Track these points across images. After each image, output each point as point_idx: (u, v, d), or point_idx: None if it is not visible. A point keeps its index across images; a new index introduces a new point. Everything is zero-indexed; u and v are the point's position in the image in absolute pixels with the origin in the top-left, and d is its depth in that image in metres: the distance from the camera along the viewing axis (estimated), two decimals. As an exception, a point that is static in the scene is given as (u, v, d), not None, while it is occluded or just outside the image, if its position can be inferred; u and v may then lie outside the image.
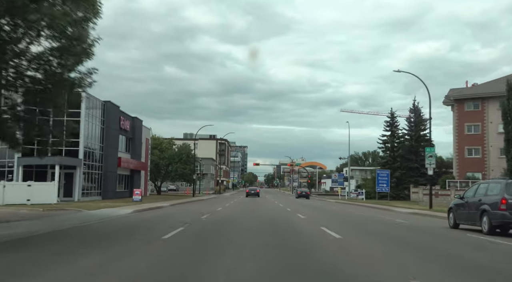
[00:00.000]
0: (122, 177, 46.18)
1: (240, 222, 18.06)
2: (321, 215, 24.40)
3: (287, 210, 28.33)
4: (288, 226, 16.72)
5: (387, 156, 63.41)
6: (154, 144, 62.83)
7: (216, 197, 63.04)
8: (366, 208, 37.51)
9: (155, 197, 48.74)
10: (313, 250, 10.29)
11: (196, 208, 30.38)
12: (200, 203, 41.01)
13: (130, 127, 46.60)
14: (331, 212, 27.21)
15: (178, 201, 40.15)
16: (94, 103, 37.48)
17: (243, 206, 34.02)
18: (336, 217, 22.95)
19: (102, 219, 18.47)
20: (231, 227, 15.59)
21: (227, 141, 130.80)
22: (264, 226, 16.45)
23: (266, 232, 14.12)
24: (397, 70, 32.94)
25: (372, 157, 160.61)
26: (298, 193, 68.53)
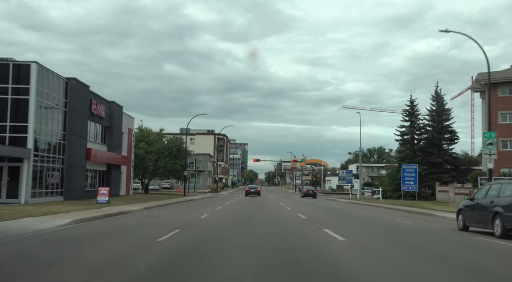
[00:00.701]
0: (95, 173, 38.13)
1: (225, 247, 9.95)
2: (358, 228, 16.31)
3: (300, 217, 20.12)
4: (319, 260, 8.54)
5: (405, 150, 55.22)
6: (141, 136, 54.79)
7: (211, 196, 55.06)
8: (397, 211, 29.49)
9: (137, 197, 40.69)
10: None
11: (176, 212, 22.47)
12: (188, 204, 32.94)
13: (106, 113, 38.53)
14: (372, 223, 18.94)
15: (160, 203, 32.10)
16: (53, 80, 29.42)
17: (239, 210, 25.98)
18: (392, 234, 14.76)
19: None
20: (199, 267, 7.47)
21: (226, 136, 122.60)
22: (271, 258, 8.36)
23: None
24: (444, 30, 25.11)
25: (377, 154, 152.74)
26: (304, 191, 60.52)
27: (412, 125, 55.56)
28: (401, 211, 29.81)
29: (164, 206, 29.75)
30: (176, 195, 52.03)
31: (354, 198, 57.60)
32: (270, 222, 16.15)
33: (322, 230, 13.38)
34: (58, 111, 30.35)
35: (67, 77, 31.42)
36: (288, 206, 32.38)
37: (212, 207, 28.35)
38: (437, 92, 55.68)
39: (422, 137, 55.48)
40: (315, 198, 58.73)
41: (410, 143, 55.29)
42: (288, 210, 27.03)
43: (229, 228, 13.62)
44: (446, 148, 55.74)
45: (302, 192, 61.05)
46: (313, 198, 58.83)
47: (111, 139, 40.23)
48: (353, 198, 57.70)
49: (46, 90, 28.27)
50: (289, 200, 48.38)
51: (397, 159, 57.39)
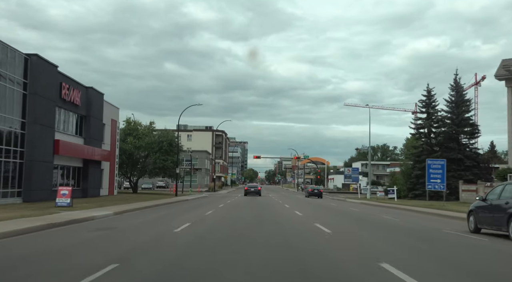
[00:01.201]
0: (67, 170, 32.49)
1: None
2: (424, 255, 10.62)
3: (323, 231, 14.35)
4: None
5: (422, 144, 49.54)
6: (129, 129, 49.14)
7: (206, 196, 49.48)
8: (429, 216, 23.82)
9: (118, 198, 35.05)
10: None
11: (147, 221, 16.86)
12: (173, 207, 27.24)
13: (82, 101, 32.89)
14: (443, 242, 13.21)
15: (141, 205, 26.43)
16: (6, 54, 23.75)
17: (234, 217, 20.26)
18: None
19: None
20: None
21: (224, 133, 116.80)
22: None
23: None
24: None
25: (382, 151, 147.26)
26: (309, 190, 54.87)
27: (429, 117, 49.90)
28: (434, 215, 24.18)
29: (142, 209, 24.08)
30: (167, 195, 46.43)
31: (363, 198, 52.00)
32: (281, 243, 10.48)
33: (385, 270, 7.47)
34: (14, 93, 24.67)
35: (27, 53, 25.76)
36: (297, 209, 26.78)
37: (201, 211, 22.74)
38: (456, 81, 50.07)
39: (440, 130, 49.81)
40: (321, 198, 53.16)
41: (427, 136, 49.63)
42: (300, 215, 21.41)
43: (212, 259, 7.94)
44: (466, 142, 50.11)
45: (307, 191, 55.45)
46: (318, 197, 53.25)
47: (89, 131, 34.56)
48: (362, 198, 52.10)
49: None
50: (294, 200, 42.77)
51: (413, 155, 51.69)
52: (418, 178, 48.43)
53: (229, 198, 43.92)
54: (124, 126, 49.60)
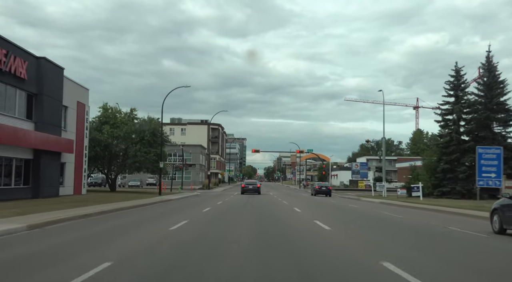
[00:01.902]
0: (9, 163, 24.77)
1: None
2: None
3: (391, 270, 6.69)
4: None
5: (450, 133, 41.89)
6: (105, 117, 41.42)
7: (198, 195, 41.94)
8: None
9: (83, 199, 27.35)
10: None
11: (70, 242, 9.22)
12: (138, 214, 19.38)
13: (30, 74, 25.16)
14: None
15: (95, 210, 18.70)
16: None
17: (221, 230, 12.67)
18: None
19: None
20: None
21: (221, 126, 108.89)
22: None
23: None
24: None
25: (386, 146, 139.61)
26: (316, 188, 47.17)
27: (457, 101, 42.21)
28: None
29: (89, 217, 16.33)
30: (151, 194, 38.84)
31: (378, 196, 44.42)
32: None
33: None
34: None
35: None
36: (316, 217, 19.12)
37: (171, 221, 15.09)
38: (489, 60, 42.40)
39: (472, 117, 42.13)
40: (330, 196, 45.59)
41: (455, 123, 41.92)
42: (330, 232, 13.68)
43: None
44: (500, 130, 42.50)
45: (314, 188, 47.73)
46: (327, 196, 45.70)
47: (42, 114, 26.77)
48: (377, 196, 44.53)
49: None
50: (302, 201, 35.15)
51: (438, 146, 43.90)
52: (445, 172, 40.85)
53: (222, 198, 36.31)
54: (100, 113, 41.91)
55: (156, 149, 40.00)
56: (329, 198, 42.45)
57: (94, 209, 19.05)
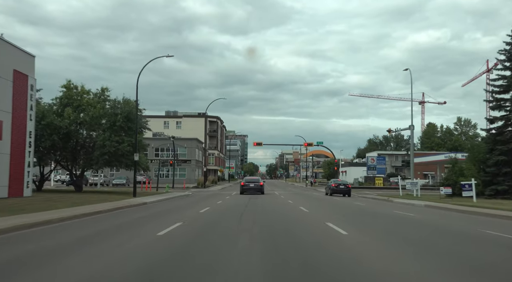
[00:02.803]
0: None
1: None
2: None
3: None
4: None
5: (506, 115, 32.78)
6: (68, 98, 32.48)
7: (186, 196, 33.20)
8: None
9: (19, 203, 18.52)
10: None
11: None
12: (71, 233, 10.44)
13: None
14: None
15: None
16: None
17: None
18: None
19: None
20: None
21: (220, 119, 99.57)
22: None
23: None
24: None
25: (395, 141, 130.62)
26: (333, 186, 38.06)
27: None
28: None
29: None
30: (124, 194, 30.00)
31: (410, 196, 35.51)
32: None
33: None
34: None
35: None
36: (370, 240, 9.99)
37: (83, 257, 6.02)
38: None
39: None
40: (350, 196, 36.72)
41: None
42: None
43: None
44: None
45: (329, 187, 38.59)
46: (345, 196, 36.84)
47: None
48: (409, 196, 35.61)
49: None
50: (321, 203, 26.20)
51: (490, 133, 34.77)
52: (499, 166, 31.85)
53: (214, 200, 27.38)
54: (62, 93, 32.97)
55: (132, 138, 31.02)
56: (349, 198, 33.51)
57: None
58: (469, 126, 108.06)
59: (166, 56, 30.83)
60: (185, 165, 73.30)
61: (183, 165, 73.17)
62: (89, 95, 33.39)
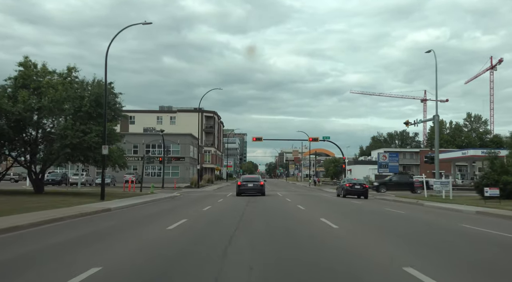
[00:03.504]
0: None
1: None
2: None
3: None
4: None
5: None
6: (25, 78, 26.17)
7: (171, 199, 27.07)
8: None
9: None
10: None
11: None
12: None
13: None
14: None
15: None
16: None
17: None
18: None
19: None
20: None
21: (217, 114, 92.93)
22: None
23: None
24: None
25: (400, 139, 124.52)
26: (347, 186, 31.69)
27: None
28: None
29: None
30: (91, 197, 23.72)
31: (437, 198, 29.32)
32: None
33: None
34: None
35: None
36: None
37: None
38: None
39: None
40: (366, 198, 30.59)
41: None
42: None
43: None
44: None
45: (342, 187, 32.18)
46: (361, 197, 30.74)
47: None
48: (436, 198, 29.43)
49: None
50: (339, 209, 19.91)
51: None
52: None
53: (201, 205, 21.01)
54: (18, 73, 26.67)
55: (100, 127, 24.63)
56: (370, 201, 27.36)
57: None
58: (479, 122, 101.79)
59: (143, 23, 24.63)
60: (178, 162, 67.08)
61: (176, 163, 66.98)
62: (53, 76, 27.13)
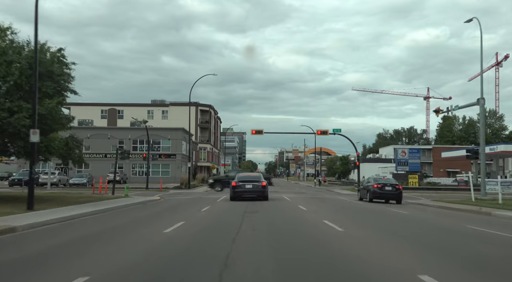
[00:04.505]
0: None
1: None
2: None
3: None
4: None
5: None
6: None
7: (141, 205, 19.72)
8: None
9: None
10: None
11: None
12: None
13: None
14: None
15: None
16: None
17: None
18: None
19: None
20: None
21: (213, 108, 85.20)
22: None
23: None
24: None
25: (408, 136, 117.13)
26: (376, 187, 24.06)
27: None
28: None
29: None
30: (17, 202, 16.33)
31: (492, 203, 22.02)
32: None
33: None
34: None
35: None
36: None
37: None
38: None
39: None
40: (400, 203, 23.28)
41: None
42: None
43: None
44: None
45: (368, 189, 24.47)
46: (387, 202, 23.44)
47: None
48: (489, 203, 22.14)
49: None
50: (404, 229, 12.29)
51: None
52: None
53: (177, 216, 13.47)
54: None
55: (41, 107, 17.02)
56: (406, 207, 19.97)
57: None
58: (494, 118, 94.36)
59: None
60: (169, 160, 59.59)
61: (167, 160, 59.51)
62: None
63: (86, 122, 62.95)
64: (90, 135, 56.89)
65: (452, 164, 72.92)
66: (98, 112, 74.21)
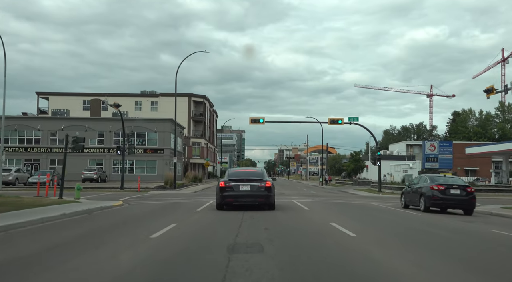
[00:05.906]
0: None
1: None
2: None
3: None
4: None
5: None
6: None
7: (69, 222, 11.53)
8: None
9: None
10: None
11: None
12: None
13: None
14: None
15: None
16: None
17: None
18: None
19: None
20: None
21: (207, 99, 76.59)
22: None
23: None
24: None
25: (416, 132, 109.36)
26: (436, 189, 16.07)
27: None
28: None
29: None
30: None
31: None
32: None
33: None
34: None
35: None
36: None
37: None
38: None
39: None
40: (471, 214, 15.32)
41: None
42: None
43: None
44: None
45: (423, 192, 16.50)
46: (451, 212, 15.50)
47: None
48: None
49: None
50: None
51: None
52: None
53: (109, 250, 5.35)
54: None
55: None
56: (488, 223, 12.05)
57: None
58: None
59: None
60: (156, 155, 51.44)
61: (153, 156, 51.36)
62: None
63: (61, 112, 54.62)
64: (64, 127, 48.74)
65: (469, 162, 65.30)
66: (80, 103, 66.13)
